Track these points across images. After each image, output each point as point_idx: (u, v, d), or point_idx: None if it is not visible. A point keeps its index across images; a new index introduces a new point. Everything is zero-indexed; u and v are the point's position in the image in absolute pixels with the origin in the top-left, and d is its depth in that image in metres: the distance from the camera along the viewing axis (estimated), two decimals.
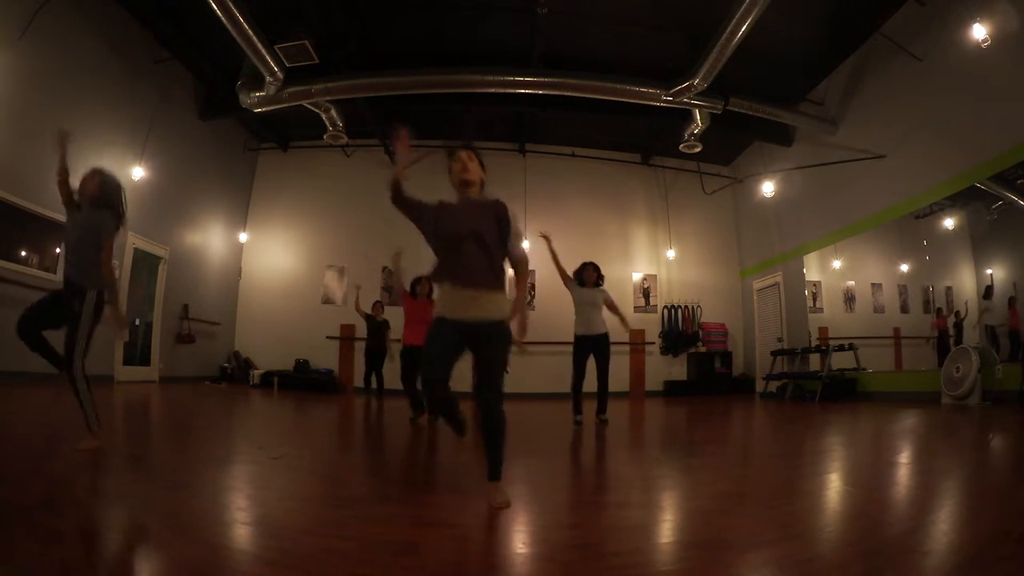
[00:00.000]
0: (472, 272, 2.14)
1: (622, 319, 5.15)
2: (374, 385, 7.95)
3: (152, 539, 1.57)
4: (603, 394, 5.03)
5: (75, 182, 2.94)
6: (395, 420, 5.21)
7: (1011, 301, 5.90)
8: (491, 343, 2.15)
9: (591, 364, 5.04)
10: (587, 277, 5.19)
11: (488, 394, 2.12)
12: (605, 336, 5.06)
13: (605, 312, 5.18)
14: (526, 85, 7.23)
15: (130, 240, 7.64)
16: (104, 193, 2.95)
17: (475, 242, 2.16)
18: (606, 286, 5.41)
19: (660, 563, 1.50)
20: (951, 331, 6.73)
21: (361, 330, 8.36)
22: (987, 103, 5.82)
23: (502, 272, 2.24)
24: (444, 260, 2.23)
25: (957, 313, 6.61)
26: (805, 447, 3.81)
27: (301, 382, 9.39)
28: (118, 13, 6.98)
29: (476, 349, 2.17)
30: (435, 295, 2.55)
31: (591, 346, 5.03)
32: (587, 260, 5.35)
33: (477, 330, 2.14)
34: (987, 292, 6.24)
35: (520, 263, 2.28)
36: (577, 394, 5.07)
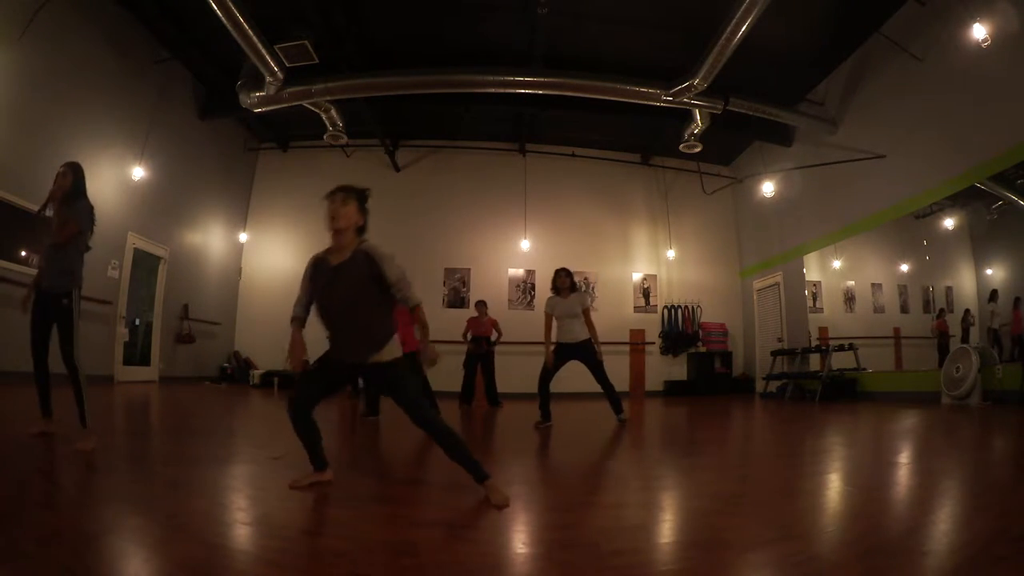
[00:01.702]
0: (348, 346, 2.17)
1: (594, 336, 4.89)
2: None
3: (152, 539, 1.57)
4: (610, 395, 4.92)
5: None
6: (393, 421, 5.21)
7: (1016, 302, 5.88)
8: (391, 384, 2.16)
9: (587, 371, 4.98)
10: (560, 283, 4.96)
11: (424, 421, 2.15)
12: (587, 342, 4.86)
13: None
14: (526, 85, 7.23)
15: (130, 240, 7.64)
16: (77, 182, 3.08)
17: (345, 312, 2.15)
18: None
19: (660, 563, 1.50)
20: (951, 332, 6.72)
21: None
22: (987, 103, 5.82)
23: (387, 329, 2.20)
24: (327, 329, 2.23)
25: (967, 312, 6.55)
26: (805, 447, 3.81)
27: None
28: (118, 13, 6.98)
29: (380, 388, 2.21)
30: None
31: (571, 353, 4.88)
32: (560, 267, 5.14)
33: (369, 371, 2.18)
34: (992, 295, 6.21)
35: (414, 310, 2.20)
36: (544, 390, 4.94)
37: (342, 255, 2.22)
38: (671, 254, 10.95)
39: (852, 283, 8.78)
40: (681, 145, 8.66)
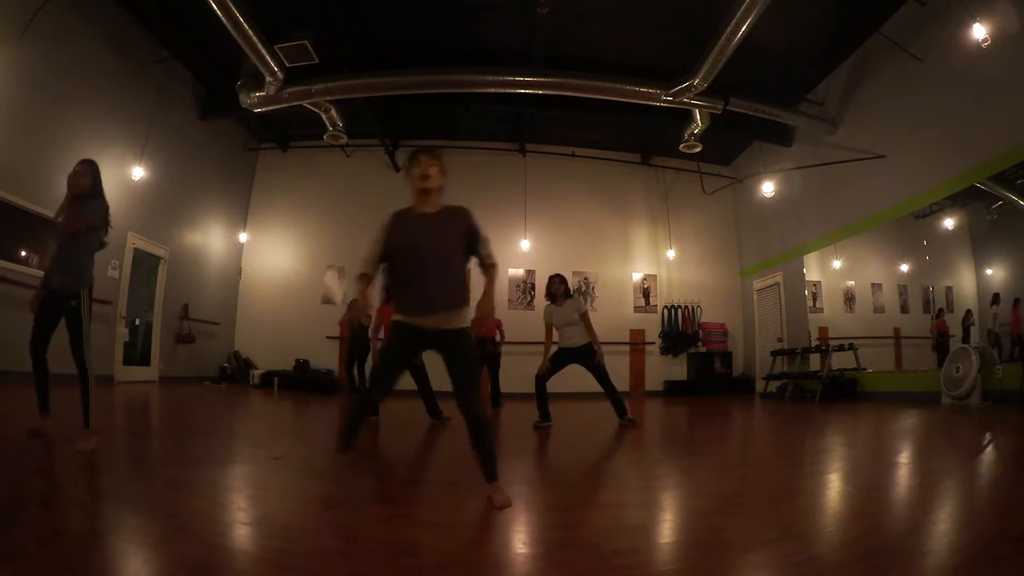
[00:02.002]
0: (433, 296, 2.12)
1: (595, 340, 4.86)
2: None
3: (152, 539, 1.57)
4: (612, 398, 4.91)
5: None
6: (393, 420, 5.21)
7: (1016, 303, 5.88)
8: (459, 353, 2.14)
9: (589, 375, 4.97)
10: (555, 291, 4.96)
11: (472, 401, 2.11)
12: (587, 346, 4.87)
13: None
14: (526, 85, 7.23)
15: (130, 240, 7.64)
16: (96, 184, 3.04)
17: (435, 259, 2.12)
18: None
19: (660, 563, 1.50)
20: (951, 332, 6.72)
21: None
22: (987, 103, 5.82)
23: (466, 288, 2.20)
24: (401, 281, 2.18)
25: (968, 312, 6.53)
26: (805, 447, 3.81)
27: (301, 382, 9.39)
28: (118, 13, 6.97)
29: (445, 358, 2.18)
30: None
31: (571, 358, 4.91)
32: (554, 273, 5.16)
33: (440, 339, 2.15)
34: (995, 299, 6.19)
35: (491, 267, 2.25)
36: (541, 390, 4.94)
37: (431, 208, 2.23)
38: (671, 254, 10.95)
39: (852, 283, 8.78)
40: (681, 145, 8.66)
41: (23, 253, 5.93)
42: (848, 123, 8.09)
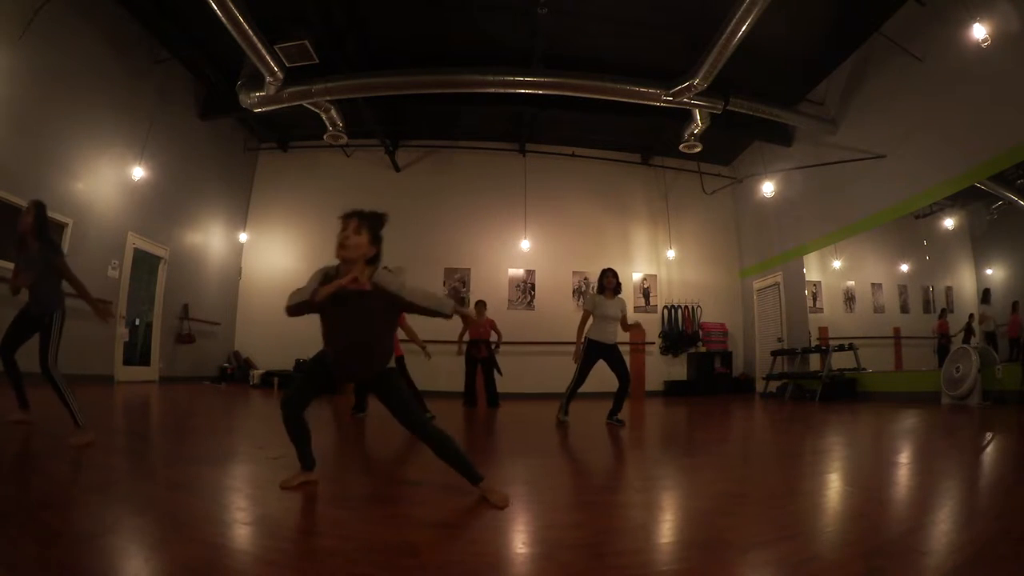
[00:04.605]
0: (357, 368, 2.20)
1: (642, 337, 5.16)
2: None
3: (152, 539, 1.57)
4: (623, 396, 4.98)
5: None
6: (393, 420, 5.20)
7: (1014, 306, 5.86)
8: (384, 390, 2.18)
9: (604, 370, 5.01)
10: (607, 284, 5.08)
11: (414, 427, 2.16)
12: (616, 346, 5.05)
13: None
14: (526, 85, 7.23)
15: (130, 240, 7.64)
16: (40, 222, 3.24)
17: (357, 342, 2.15)
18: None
19: (660, 563, 1.50)
20: (952, 332, 6.72)
21: None
22: (987, 103, 5.82)
23: (390, 349, 2.24)
24: (330, 348, 2.21)
25: (972, 316, 6.51)
26: (805, 447, 3.81)
27: None
28: (118, 13, 6.98)
29: (376, 395, 2.22)
30: None
31: (604, 353, 5.00)
32: (607, 267, 5.30)
33: (369, 381, 2.21)
34: (985, 296, 6.20)
35: (448, 314, 2.22)
36: (571, 398, 5.10)
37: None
38: (671, 254, 10.95)
39: (852, 283, 8.78)
40: (681, 145, 8.65)
41: None
42: (848, 123, 8.09)
